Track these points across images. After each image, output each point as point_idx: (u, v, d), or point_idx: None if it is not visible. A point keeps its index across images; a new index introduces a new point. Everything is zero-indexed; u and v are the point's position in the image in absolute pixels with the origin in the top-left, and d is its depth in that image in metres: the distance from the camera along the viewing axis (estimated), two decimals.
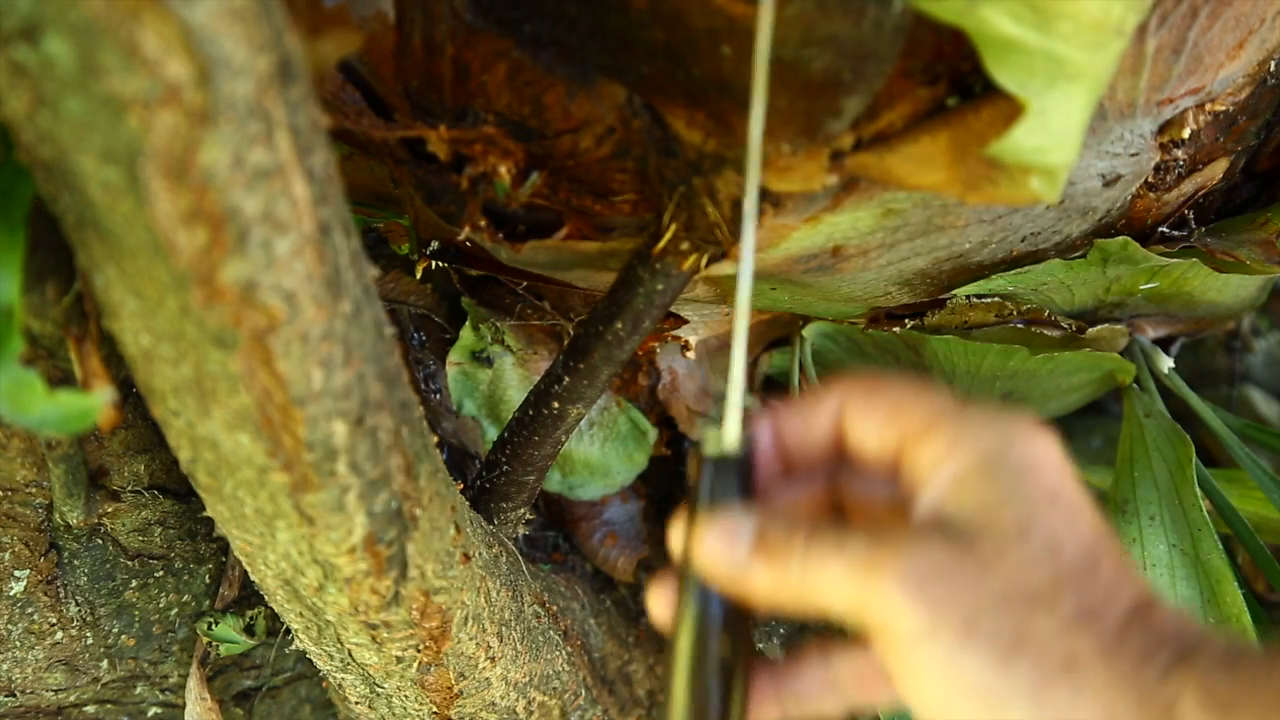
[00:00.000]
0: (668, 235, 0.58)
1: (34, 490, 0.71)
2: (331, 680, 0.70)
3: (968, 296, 0.75)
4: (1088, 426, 1.13)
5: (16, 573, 0.72)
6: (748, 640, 0.41)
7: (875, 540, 0.36)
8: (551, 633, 0.78)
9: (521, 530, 0.79)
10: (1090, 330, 0.80)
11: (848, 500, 0.42)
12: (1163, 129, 0.64)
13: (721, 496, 0.40)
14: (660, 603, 0.42)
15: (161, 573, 0.78)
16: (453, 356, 0.93)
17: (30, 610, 0.73)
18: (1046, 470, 0.37)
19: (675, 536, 0.41)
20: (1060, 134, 0.45)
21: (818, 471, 0.42)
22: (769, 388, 1.07)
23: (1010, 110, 0.46)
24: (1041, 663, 0.34)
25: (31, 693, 0.75)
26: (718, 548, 0.39)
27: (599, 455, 0.96)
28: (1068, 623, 0.34)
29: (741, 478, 0.40)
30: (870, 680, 0.41)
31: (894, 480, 0.40)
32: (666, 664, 0.40)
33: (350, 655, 0.64)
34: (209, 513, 0.54)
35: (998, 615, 0.34)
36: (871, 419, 0.40)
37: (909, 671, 0.35)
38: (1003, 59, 0.43)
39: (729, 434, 0.40)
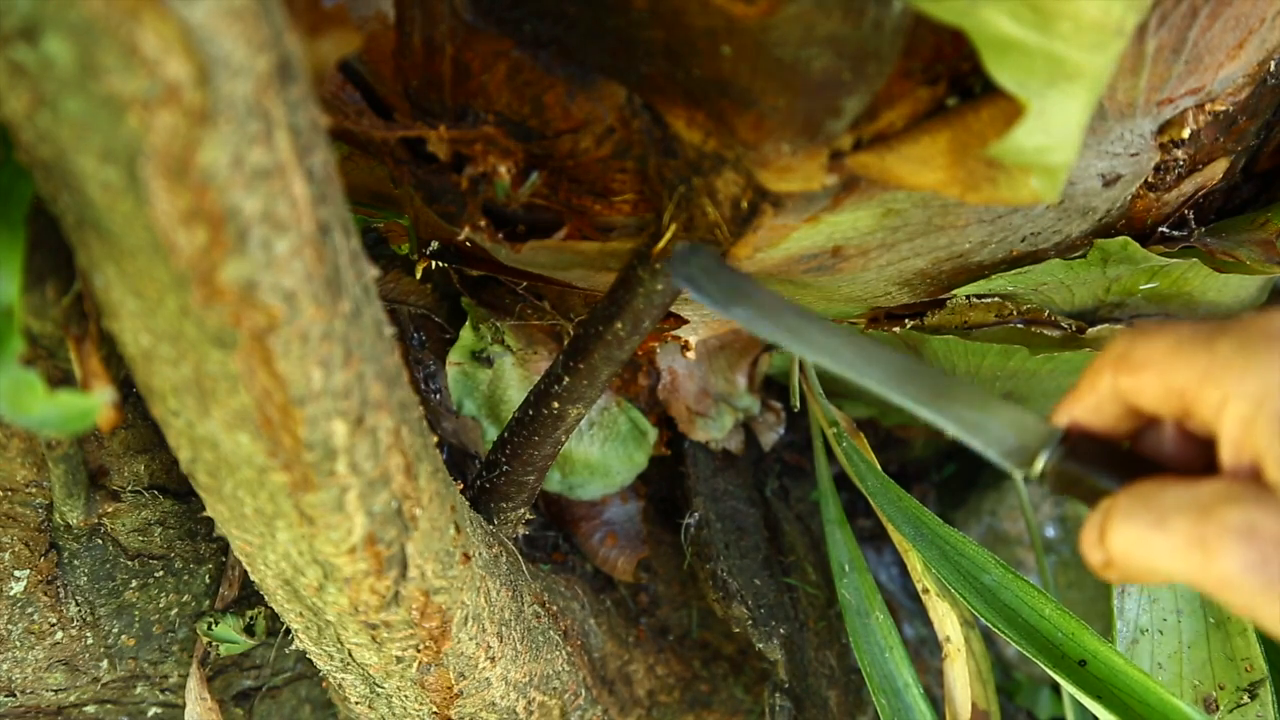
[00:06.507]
0: (668, 235, 0.58)
1: (34, 490, 0.71)
2: (331, 680, 0.70)
3: (968, 296, 0.75)
4: None
5: (16, 573, 0.72)
6: None
7: (1199, 516, 0.37)
8: (551, 633, 0.78)
9: (521, 530, 0.79)
10: (1090, 330, 0.80)
11: (1158, 456, 0.44)
12: (1163, 129, 0.64)
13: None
14: None
15: (161, 573, 0.78)
16: (453, 356, 0.93)
17: (30, 610, 0.73)
18: None
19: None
20: (1060, 134, 0.45)
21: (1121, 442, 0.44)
22: (769, 387, 1.07)
23: (1010, 110, 0.46)
24: None
25: (31, 693, 0.75)
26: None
27: (599, 455, 0.96)
28: None
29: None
30: None
31: (1191, 425, 0.41)
32: None
33: (350, 655, 0.64)
34: (209, 513, 0.54)
35: None
36: (1145, 386, 0.41)
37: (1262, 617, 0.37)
38: (1003, 59, 0.42)
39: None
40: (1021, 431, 0.44)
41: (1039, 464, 0.44)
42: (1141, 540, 0.39)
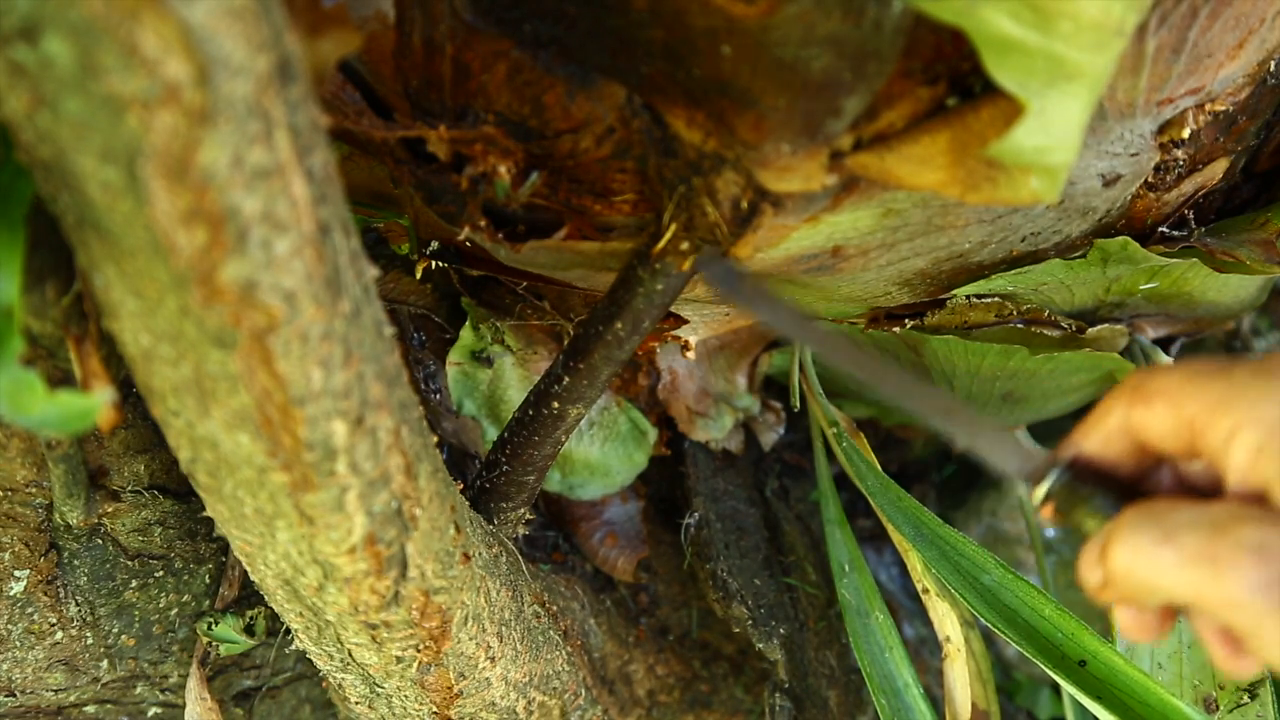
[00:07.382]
0: (668, 235, 0.58)
1: (34, 490, 0.71)
2: (331, 680, 0.70)
3: (968, 296, 0.75)
4: None
5: (16, 573, 0.72)
6: None
7: (1211, 532, 0.37)
8: (551, 633, 0.78)
9: (521, 530, 0.79)
10: (1090, 330, 0.80)
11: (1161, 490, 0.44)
12: (1163, 129, 0.64)
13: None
14: None
15: (161, 573, 0.78)
16: (453, 356, 0.93)
17: (30, 610, 0.73)
18: None
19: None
20: (1060, 134, 0.45)
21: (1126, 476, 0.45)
22: (769, 387, 1.07)
23: (1010, 110, 0.46)
24: None
25: (31, 693, 0.75)
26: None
27: (599, 455, 0.96)
28: None
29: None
30: None
31: (1197, 461, 0.42)
32: None
33: (350, 655, 0.64)
34: (209, 513, 0.54)
35: None
36: (1156, 418, 0.41)
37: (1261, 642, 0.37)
38: (1003, 59, 0.42)
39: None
40: (1028, 457, 0.46)
41: (1046, 485, 0.44)
42: (1147, 554, 0.38)
